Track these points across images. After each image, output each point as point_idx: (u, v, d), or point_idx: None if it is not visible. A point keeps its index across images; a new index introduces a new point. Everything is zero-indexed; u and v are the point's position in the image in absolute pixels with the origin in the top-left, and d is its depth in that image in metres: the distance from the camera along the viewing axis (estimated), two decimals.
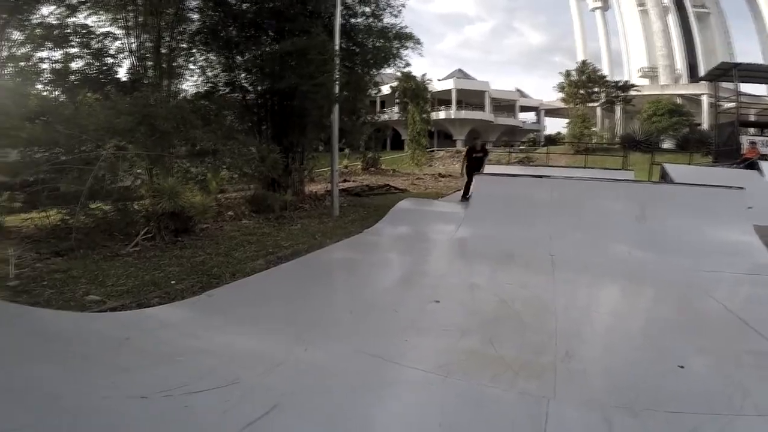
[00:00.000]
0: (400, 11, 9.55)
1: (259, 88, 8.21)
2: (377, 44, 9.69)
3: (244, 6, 8.18)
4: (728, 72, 18.01)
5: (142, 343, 2.35)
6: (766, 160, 14.82)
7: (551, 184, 6.45)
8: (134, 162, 5.58)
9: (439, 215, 6.65)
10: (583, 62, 33.33)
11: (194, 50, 8.39)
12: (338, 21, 7.22)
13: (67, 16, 7.55)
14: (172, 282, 3.41)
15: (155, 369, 2.03)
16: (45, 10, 7.22)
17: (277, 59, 7.33)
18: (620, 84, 32.72)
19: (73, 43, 7.87)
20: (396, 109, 28.97)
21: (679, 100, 33.23)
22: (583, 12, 57.84)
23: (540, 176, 6.96)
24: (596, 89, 32.15)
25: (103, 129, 5.02)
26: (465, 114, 37.04)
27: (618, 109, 33.43)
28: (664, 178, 12.31)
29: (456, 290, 3.41)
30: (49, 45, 7.61)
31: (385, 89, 24.90)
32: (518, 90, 41.40)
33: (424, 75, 32.49)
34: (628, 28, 53.24)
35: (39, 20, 7.34)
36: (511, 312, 2.90)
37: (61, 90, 8.30)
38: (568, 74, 32.68)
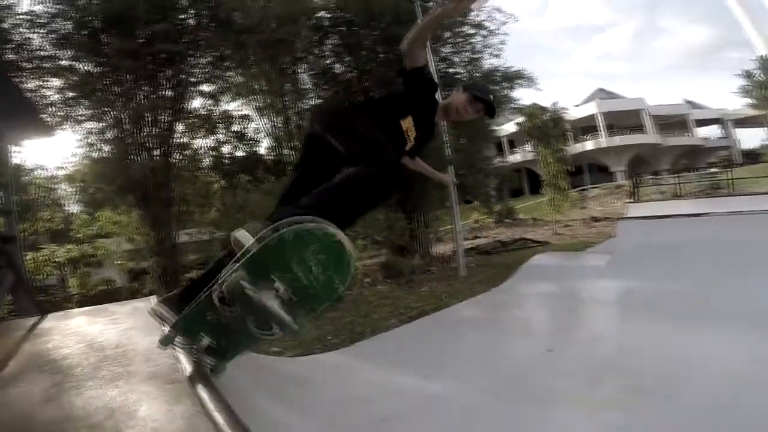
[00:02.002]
0: (500, 51, 10.60)
1: None
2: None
3: (349, 76, 10.19)
4: None
5: (323, 381, 3.60)
6: None
7: (712, 223, 6.44)
8: None
9: (577, 270, 7.01)
10: (762, 57, 29.24)
11: None
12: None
13: (213, 105, 10.33)
14: (329, 338, 4.80)
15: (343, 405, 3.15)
16: (196, 103, 10.03)
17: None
18: None
19: (220, 129, 10.75)
20: (529, 147, 29.20)
21: None
22: None
23: (698, 215, 6.93)
24: None
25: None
26: (620, 140, 35.02)
27: None
28: None
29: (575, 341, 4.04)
30: (203, 133, 10.55)
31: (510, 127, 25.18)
32: (687, 101, 37.72)
33: (554, 103, 32.38)
34: None
35: (193, 110, 10.06)
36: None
37: (221, 175, 11.28)
38: (748, 75, 28.98)
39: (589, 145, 35.91)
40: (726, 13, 52.71)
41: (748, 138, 37.16)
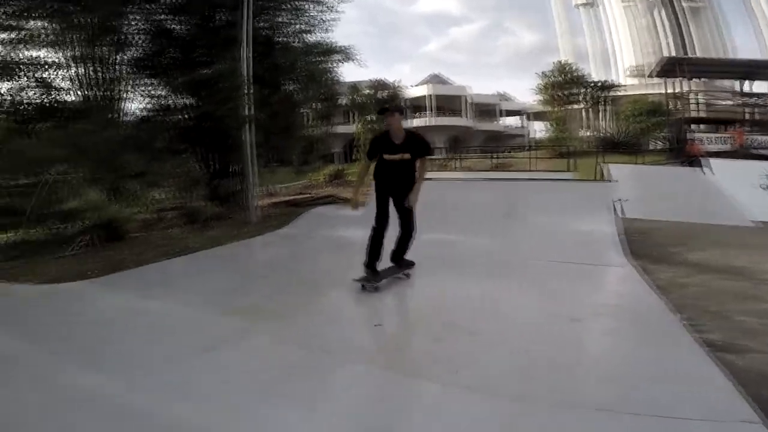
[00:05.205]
0: (332, 26, 11.08)
1: (190, 113, 9.87)
2: (306, 61, 11.28)
3: (177, 31, 9.84)
4: (676, 68, 19.70)
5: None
6: (715, 156, 16.56)
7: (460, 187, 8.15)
8: (75, 185, 7.25)
9: (350, 219, 8.26)
10: (560, 62, 35.30)
11: (137, 76, 9.91)
12: (245, 51, 8.61)
13: (12, 50, 9.05)
14: (89, 273, 5.04)
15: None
16: None
17: (197, 86, 9.00)
18: (603, 84, 34.62)
19: (22, 75, 9.42)
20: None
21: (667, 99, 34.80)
22: (568, 9, 60.68)
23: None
24: (575, 90, 34.02)
25: (44, 159, 6.71)
26: (442, 120, 38.92)
27: (604, 109, 35.23)
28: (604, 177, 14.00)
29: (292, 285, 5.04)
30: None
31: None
32: (500, 93, 43.52)
33: (395, 81, 34.71)
34: (614, 25, 55.75)
35: None
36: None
37: (14, 120, 9.90)
38: (545, 76, 34.65)
39: (417, 122, 39.15)
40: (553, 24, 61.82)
41: (541, 128, 44.06)
